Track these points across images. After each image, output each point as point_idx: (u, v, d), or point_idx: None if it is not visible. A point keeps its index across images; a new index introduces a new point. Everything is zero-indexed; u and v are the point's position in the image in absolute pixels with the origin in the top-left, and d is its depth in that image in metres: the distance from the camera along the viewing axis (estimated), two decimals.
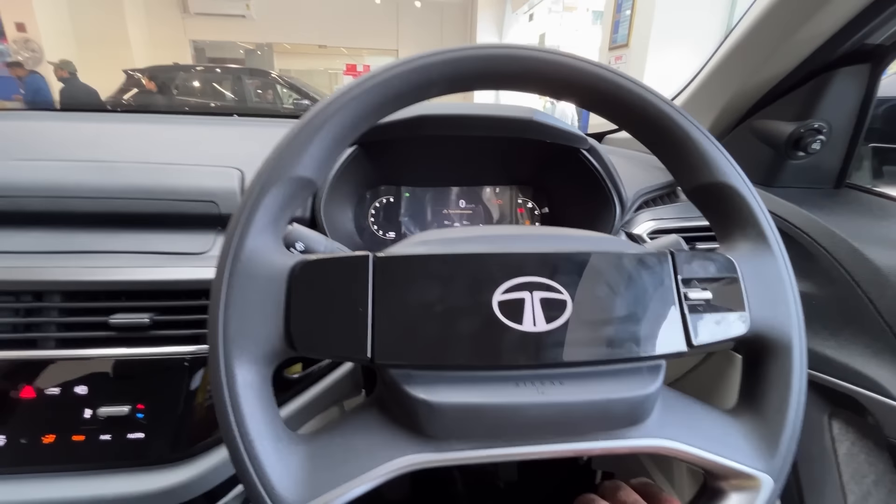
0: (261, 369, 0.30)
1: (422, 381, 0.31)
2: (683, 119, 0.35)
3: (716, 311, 0.34)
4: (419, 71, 0.32)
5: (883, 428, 0.49)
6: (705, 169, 0.35)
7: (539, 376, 0.32)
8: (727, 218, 0.37)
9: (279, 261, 0.31)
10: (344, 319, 0.31)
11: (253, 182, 0.32)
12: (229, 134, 0.74)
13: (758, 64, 0.60)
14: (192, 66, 6.80)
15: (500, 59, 0.33)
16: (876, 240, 0.53)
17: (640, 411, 0.33)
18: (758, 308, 0.35)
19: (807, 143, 0.60)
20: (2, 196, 0.53)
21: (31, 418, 0.47)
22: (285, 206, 0.32)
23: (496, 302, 0.31)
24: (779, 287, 0.35)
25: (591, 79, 0.34)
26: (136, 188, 0.55)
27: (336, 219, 0.67)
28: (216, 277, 0.30)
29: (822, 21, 0.53)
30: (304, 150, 0.32)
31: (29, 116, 0.74)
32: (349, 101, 0.32)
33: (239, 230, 0.31)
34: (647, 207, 0.73)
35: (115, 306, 0.49)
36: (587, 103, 0.37)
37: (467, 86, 0.34)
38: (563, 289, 0.32)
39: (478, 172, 0.78)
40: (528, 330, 0.31)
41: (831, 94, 0.59)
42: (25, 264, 0.49)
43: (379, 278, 0.31)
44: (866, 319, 0.52)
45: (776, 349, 0.35)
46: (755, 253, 0.36)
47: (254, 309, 0.30)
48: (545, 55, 0.33)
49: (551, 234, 0.37)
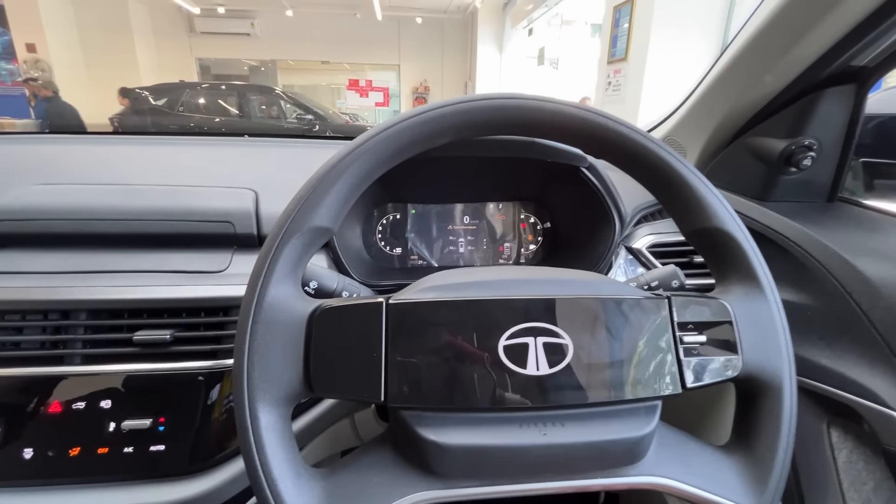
0: (281, 410, 0.32)
1: (432, 422, 0.33)
2: (682, 166, 0.37)
3: (710, 355, 0.36)
4: (429, 122, 0.34)
5: (878, 436, 0.51)
6: (703, 214, 0.37)
7: (542, 418, 0.34)
8: (723, 261, 0.39)
9: (299, 307, 0.33)
10: (359, 364, 0.33)
11: (273, 233, 0.33)
12: (241, 154, 0.77)
13: (749, 84, 0.63)
14: (198, 84, 6.92)
15: (506, 109, 0.35)
16: (867, 252, 0.55)
17: (637, 450, 0.35)
18: (750, 351, 0.36)
19: (798, 159, 0.63)
20: (31, 219, 0.55)
21: (58, 432, 0.49)
22: (304, 254, 0.34)
23: (502, 347, 0.33)
24: (771, 331, 0.37)
25: (594, 127, 0.36)
26: (156, 210, 0.58)
27: (345, 236, 0.70)
28: (240, 324, 0.32)
29: (809, 44, 0.55)
30: (322, 201, 0.33)
31: (49, 140, 0.77)
32: (363, 153, 0.34)
33: (262, 280, 0.33)
34: (646, 222, 0.75)
35: (138, 323, 0.51)
36: (591, 150, 0.39)
37: (475, 134, 0.36)
38: (564, 333, 0.34)
39: (481, 189, 0.80)
40: (532, 374, 0.33)
41: (820, 112, 0.62)
42: (53, 284, 0.52)
43: (392, 324, 0.33)
44: (860, 330, 0.54)
45: (768, 390, 0.37)
46: (749, 296, 0.37)
47: (275, 354, 0.32)
48: (549, 105, 0.36)
49: (555, 279, 0.38)
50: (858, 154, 0.70)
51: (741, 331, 0.37)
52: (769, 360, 0.37)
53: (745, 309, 0.37)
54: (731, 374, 0.36)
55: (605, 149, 0.38)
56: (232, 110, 5.88)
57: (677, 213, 0.39)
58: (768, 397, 0.37)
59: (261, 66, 11.69)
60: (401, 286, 0.68)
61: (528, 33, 8.81)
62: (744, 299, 0.37)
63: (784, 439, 0.36)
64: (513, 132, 0.37)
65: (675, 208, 0.39)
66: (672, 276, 0.47)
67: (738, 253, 0.38)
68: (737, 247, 0.38)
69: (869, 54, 0.57)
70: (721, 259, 0.39)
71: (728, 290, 0.39)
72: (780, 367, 0.36)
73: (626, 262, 0.71)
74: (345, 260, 0.62)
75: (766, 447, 0.36)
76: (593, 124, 0.36)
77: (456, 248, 0.82)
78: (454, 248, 0.81)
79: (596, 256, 0.68)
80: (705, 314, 0.37)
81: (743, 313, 0.37)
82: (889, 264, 0.53)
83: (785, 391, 0.36)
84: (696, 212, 0.38)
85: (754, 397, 0.38)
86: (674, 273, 0.47)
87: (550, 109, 0.36)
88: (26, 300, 0.50)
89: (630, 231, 0.73)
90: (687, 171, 0.37)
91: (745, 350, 0.36)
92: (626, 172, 0.40)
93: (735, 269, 0.39)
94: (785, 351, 0.37)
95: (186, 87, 5.96)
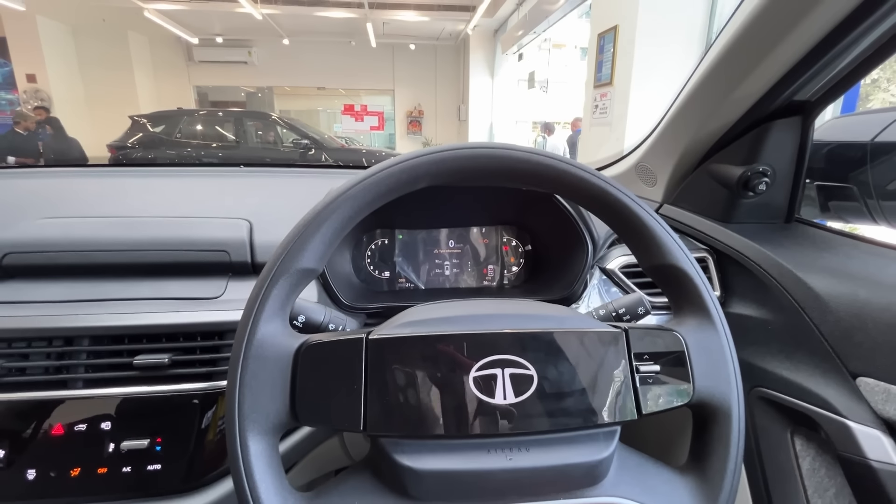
0: (269, 439, 0.35)
1: (408, 448, 0.36)
2: (639, 208, 0.40)
3: (663, 384, 0.39)
4: (406, 171, 0.38)
5: (834, 443, 0.54)
6: (658, 252, 0.41)
7: (508, 443, 0.37)
8: (678, 295, 0.43)
9: (286, 343, 0.36)
10: (341, 395, 0.36)
11: (263, 275, 0.36)
12: (236, 185, 0.81)
13: (705, 117, 0.69)
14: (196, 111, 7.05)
15: (477, 158, 0.39)
16: (818, 269, 0.59)
17: (597, 473, 0.38)
18: (701, 378, 0.39)
19: (754, 185, 0.68)
20: (37, 251, 0.59)
21: (60, 453, 0.52)
22: (291, 293, 0.37)
23: (472, 378, 0.36)
24: (721, 359, 0.40)
25: (560, 174, 0.40)
26: (155, 241, 0.62)
27: (335, 261, 0.73)
28: (232, 359, 0.35)
29: (754, 82, 0.61)
30: (307, 245, 0.37)
31: (52, 175, 0.81)
32: (346, 200, 0.37)
33: (252, 318, 0.36)
34: (619, 244, 0.79)
35: (138, 348, 0.54)
36: (559, 193, 0.43)
37: (448, 181, 0.40)
38: (530, 365, 0.37)
39: (466, 215, 0.85)
40: (500, 403, 0.36)
41: (771, 141, 0.67)
42: (57, 312, 0.55)
43: (371, 358, 0.36)
44: (813, 343, 0.58)
45: (718, 415, 0.40)
46: (700, 327, 0.41)
47: (264, 387, 0.35)
48: (518, 154, 0.39)
49: (523, 313, 0.41)
50: (814, 178, 0.75)
51: (693, 360, 0.39)
52: (718, 387, 0.39)
53: (696, 339, 0.40)
54: (684, 401, 0.39)
55: (570, 192, 0.41)
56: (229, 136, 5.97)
57: (637, 250, 0.43)
58: (718, 422, 0.40)
59: (258, 93, 11.92)
60: (389, 308, 0.72)
61: (518, 58, 9.06)
62: (696, 330, 0.40)
63: (732, 461, 0.39)
64: (485, 180, 0.40)
65: (635, 245, 0.43)
66: (638, 303, 0.50)
67: (690, 288, 0.41)
68: (689, 282, 0.41)
69: (810, 89, 0.63)
70: (676, 293, 0.43)
71: (682, 321, 0.42)
72: (729, 393, 0.39)
73: (601, 283, 0.75)
74: (335, 284, 0.66)
75: (717, 469, 0.39)
76: (559, 171, 0.40)
77: (442, 272, 0.85)
78: (440, 271, 0.85)
79: (571, 277, 0.72)
80: (659, 345, 0.40)
81: (695, 343, 0.40)
82: (837, 280, 0.57)
83: (734, 416, 0.39)
84: (652, 250, 0.41)
85: (706, 422, 0.40)
86: (639, 300, 0.50)
87: (518, 158, 0.39)
88: (32, 328, 0.53)
89: (604, 253, 0.78)
90: (644, 212, 0.40)
91: (696, 378, 0.39)
92: (593, 213, 0.43)
93: (689, 302, 0.42)
94: (734, 379, 0.40)
95: (184, 115, 6.05)
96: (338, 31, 9.80)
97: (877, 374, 0.52)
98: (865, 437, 0.51)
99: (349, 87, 11.55)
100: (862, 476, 0.52)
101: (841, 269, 0.58)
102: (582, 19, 8.39)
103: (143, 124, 5.59)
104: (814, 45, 0.54)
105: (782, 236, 0.68)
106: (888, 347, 0.51)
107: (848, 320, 0.54)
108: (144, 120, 5.66)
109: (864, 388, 0.53)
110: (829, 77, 0.60)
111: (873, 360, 0.52)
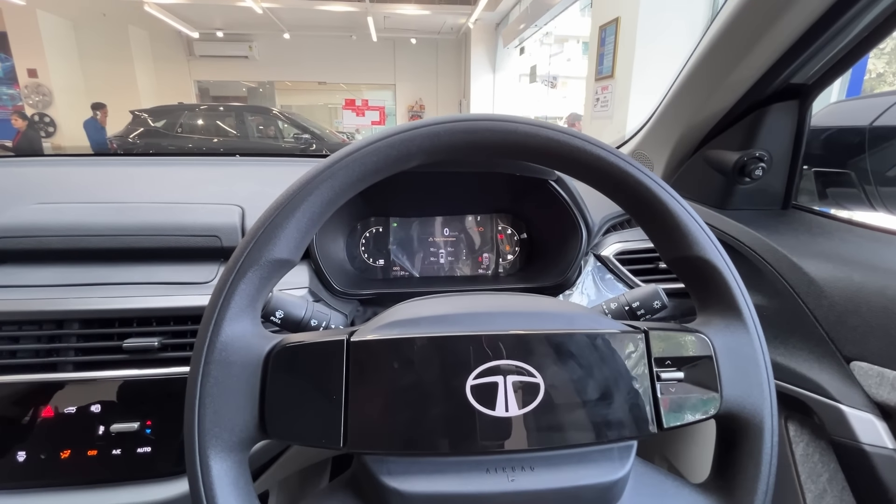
0: (236, 456, 0.31)
1: (395, 467, 0.32)
2: (664, 192, 0.35)
3: (688, 392, 0.34)
4: (396, 146, 0.33)
5: (827, 428, 0.54)
6: (684, 242, 0.36)
7: (510, 462, 0.33)
8: (705, 291, 0.38)
9: (256, 345, 0.32)
10: (318, 407, 0.31)
11: (228, 267, 0.32)
12: (231, 173, 0.81)
13: (701, 102, 0.68)
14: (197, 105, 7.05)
15: (478, 132, 0.34)
16: (813, 254, 0.59)
17: (611, 495, 0.33)
18: (730, 387, 0.35)
19: (750, 170, 0.67)
20: (28, 236, 0.59)
21: (50, 435, 0.52)
22: (262, 287, 0.33)
23: (469, 387, 0.31)
24: (752, 366, 0.35)
25: (571, 150, 0.34)
26: (146, 226, 0.62)
27: (328, 249, 0.73)
28: (192, 365, 0.31)
29: (749, 65, 0.60)
30: (280, 232, 0.32)
31: (47, 163, 0.81)
32: (324, 179, 0.32)
33: (214, 318, 0.31)
34: (614, 231, 0.79)
35: (128, 332, 0.54)
36: (568, 172, 0.37)
37: (445, 157, 0.35)
38: (536, 372, 0.32)
39: (460, 202, 0.84)
40: (501, 415, 0.31)
41: (767, 126, 0.66)
42: (48, 296, 0.55)
43: (353, 364, 0.31)
44: (808, 327, 0.57)
45: (748, 429, 0.35)
46: (730, 329, 0.36)
47: (229, 397, 0.30)
48: (523, 127, 0.34)
49: (526, 311, 0.36)
50: (812, 164, 0.75)
51: (721, 365, 0.35)
52: (749, 397, 0.35)
53: (725, 342, 0.35)
54: (710, 413, 0.34)
55: (582, 172, 0.36)
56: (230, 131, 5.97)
57: (658, 239, 0.38)
58: (748, 436, 0.35)
59: (259, 88, 11.91)
60: (382, 294, 0.72)
61: (519, 52, 9.02)
62: (724, 331, 0.36)
63: (764, 481, 0.34)
64: (485, 155, 0.36)
65: (657, 235, 0.38)
66: (654, 296, 0.45)
67: (719, 283, 0.36)
68: (719, 277, 0.36)
69: (807, 72, 0.62)
70: (702, 289, 0.38)
71: (708, 321, 0.37)
72: (761, 404, 0.35)
73: (595, 269, 0.75)
74: (327, 271, 0.66)
75: (745, 489, 0.34)
76: (570, 147, 0.34)
77: (437, 260, 0.85)
78: (435, 259, 0.85)
79: (565, 264, 0.72)
80: (684, 349, 0.35)
81: (723, 347, 0.35)
82: (832, 265, 0.56)
83: (766, 430, 0.35)
84: (677, 240, 0.36)
85: (734, 435, 0.36)
86: (655, 293, 0.45)
87: (524, 132, 0.34)
88: (22, 311, 0.53)
89: (599, 240, 0.77)
90: (669, 197, 0.35)
91: (724, 386, 0.35)
92: (607, 196, 0.38)
93: (716, 300, 0.37)
94: (766, 387, 0.35)
95: (185, 109, 6.06)
96: (339, 25, 9.76)
97: (870, 358, 0.51)
98: (858, 422, 0.51)
99: (350, 81, 11.54)
100: (855, 461, 0.52)
101: (836, 253, 0.58)
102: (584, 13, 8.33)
103: (144, 119, 5.60)
104: (810, 26, 0.54)
105: (778, 222, 0.68)
106: (882, 331, 0.50)
107: (842, 304, 0.54)
108: (145, 115, 5.67)
109: (857, 372, 0.52)
110: (827, 59, 0.59)
111: (867, 343, 0.52)
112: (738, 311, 0.36)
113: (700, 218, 0.37)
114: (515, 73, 9.83)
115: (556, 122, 0.37)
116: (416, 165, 0.35)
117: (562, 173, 0.68)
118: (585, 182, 0.38)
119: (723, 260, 0.36)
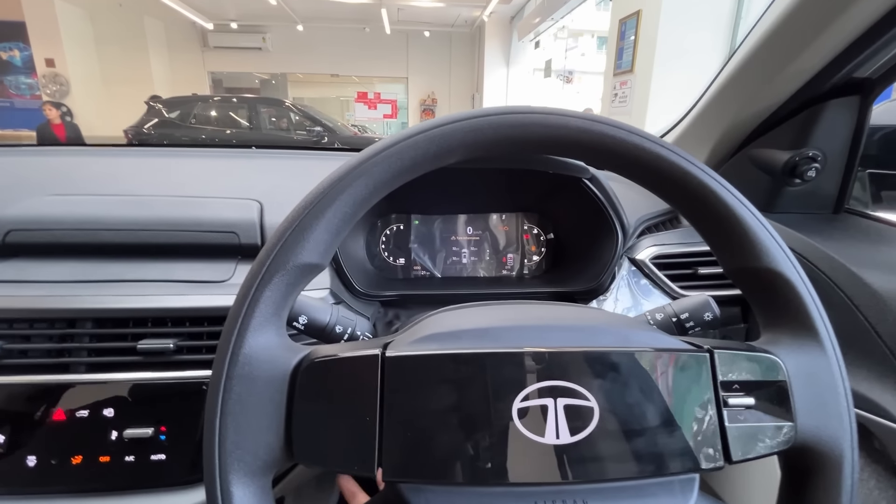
0: (259, 481, 0.28)
1: (433, 497, 0.29)
2: (730, 195, 0.32)
3: (759, 421, 0.31)
4: (436, 140, 0.31)
5: (889, 452, 0.49)
6: (752, 252, 0.32)
7: (561, 494, 0.30)
8: (774, 307, 0.34)
9: (281, 358, 0.29)
10: (349, 429, 0.28)
11: (253, 272, 0.29)
12: (248, 166, 0.78)
13: (752, 96, 0.63)
14: (210, 97, 7.06)
15: (527, 126, 0.31)
16: (874, 264, 0.54)
17: None
18: (805, 416, 0.31)
19: (802, 171, 0.62)
20: (41, 230, 0.57)
21: (61, 440, 0.49)
22: (288, 294, 0.30)
23: (516, 410, 0.29)
24: (831, 392, 0.32)
25: (629, 147, 0.32)
26: (163, 221, 0.59)
27: (349, 247, 0.70)
28: (212, 381, 0.28)
29: (811, 56, 0.55)
30: (309, 234, 0.29)
31: (62, 153, 0.79)
32: (358, 175, 0.30)
33: (237, 328, 0.29)
34: (649, 233, 0.75)
35: (142, 332, 0.52)
36: (622, 172, 0.34)
37: (488, 153, 0.32)
38: (589, 394, 0.29)
39: (484, 200, 0.81)
40: (551, 443, 0.28)
41: (824, 123, 0.61)
42: (61, 293, 0.53)
43: (388, 382, 0.29)
44: (868, 344, 0.53)
45: (824, 464, 0.31)
46: (804, 351, 0.32)
47: (252, 415, 0.28)
48: (575, 122, 0.31)
49: (577, 325, 0.34)
50: (865, 165, 0.70)
51: (795, 392, 0.31)
52: (828, 428, 0.31)
53: (799, 365, 0.32)
54: (784, 446, 0.31)
55: (638, 172, 0.33)
56: (243, 122, 5.99)
57: (720, 247, 0.35)
58: (825, 472, 0.31)
59: (271, 80, 11.93)
60: (404, 296, 0.68)
61: (534, 46, 8.90)
62: (797, 353, 0.32)
63: None
64: (530, 151, 0.33)
65: (718, 242, 0.34)
66: (705, 306, 0.42)
67: (792, 299, 0.33)
68: (792, 291, 0.32)
69: (872, 66, 0.57)
70: (772, 304, 0.34)
71: (777, 340, 0.34)
72: (841, 436, 0.31)
73: (630, 274, 0.71)
74: (347, 270, 0.63)
75: None
76: (627, 144, 0.32)
77: (459, 259, 0.82)
78: (457, 258, 0.82)
79: (599, 268, 0.68)
80: (754, 372, 0.31)
81: (797, 371, 0.32)
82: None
83: (846, 465, 0.31)
84: (743, 248, 0.33)
85: (808, 470, 0.32)
86: (706, 304, 0.42)
87: (577, 126, 0.31)
88: (34, 308, 0.51)
89: (633, 242, 0.73)
90: (735, 201, 0.32)
91: (799, 415, 0.31)
92: (662, 198, 0.35)
93: (788, 318, 0.33)
94: (847, 418, 0.31)
95: (199, 100, 6.08)
96: (352, 17, 9.71)
97: None
98: None
99: (363, 74, 11.50)
100: None
101: None
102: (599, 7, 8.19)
103: (159, 109, 5.64)
104: (883, 15, 0.49)
105: (832, 228, 0.63)
106: None
107: None
108: (160, 105, 5.70)
109: None
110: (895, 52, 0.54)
111: None
112: (815, 330, 0.32)
113: (771, 227, 0.33)
114: (529, 68, 9.69)
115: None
116: (455, 162, 0.32)
117: (606, 171, 0.65)
118: (639, 183, 0.34)
119: (797, 274, 0.32)
